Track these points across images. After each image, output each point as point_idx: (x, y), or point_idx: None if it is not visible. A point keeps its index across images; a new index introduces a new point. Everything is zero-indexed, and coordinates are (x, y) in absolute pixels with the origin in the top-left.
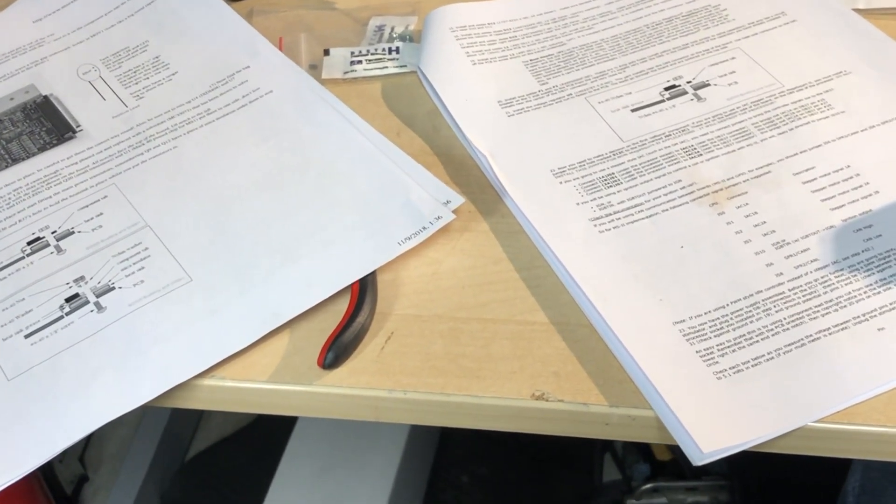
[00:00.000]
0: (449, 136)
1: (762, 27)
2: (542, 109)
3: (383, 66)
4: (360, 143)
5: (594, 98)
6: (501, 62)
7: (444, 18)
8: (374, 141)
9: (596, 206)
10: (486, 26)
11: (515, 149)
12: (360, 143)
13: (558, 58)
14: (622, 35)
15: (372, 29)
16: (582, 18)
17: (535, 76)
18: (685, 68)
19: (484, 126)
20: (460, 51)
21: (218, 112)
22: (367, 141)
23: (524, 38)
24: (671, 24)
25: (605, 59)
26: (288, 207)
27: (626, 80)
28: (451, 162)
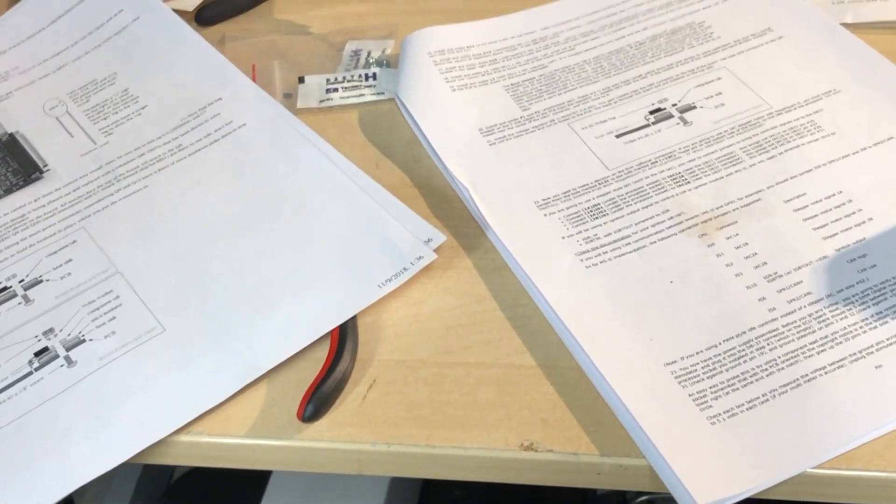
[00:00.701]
0: (429, 166)
1: (748, 44)
2: (524, 137)
3: (360, 94)
4: (337, 179)
5: (577, 124)
6: (482, 87)
7: (421, 42)
8: (351, 176)
9: (582, 240)
10: (465, 49)
11: (498, 180)
12: (338, 179)
13: (540, 81)
14: (605, 56)
15: (348, 54)
16: (563, 39)
17: (516, 101)
18: (670, 90)
19: (465, 156)
20: (439, 76)
21: (190, 148)
22: (345, 176)
23: (504, 62)
24: (655, 43)
25: (587, 82)
26: (263, 249)
27: (610, 103)
28: (432, 194)
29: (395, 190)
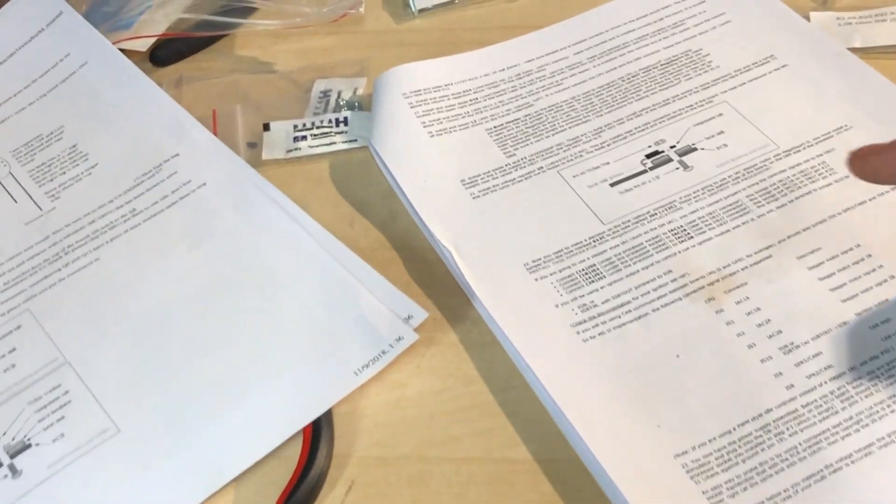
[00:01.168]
0: (408, 223)
1: (750, 75)
2: (510, 188)
3: (331, 142)
4: (306, 246)
5: (568, 171)
6: (462, 131)
7: (394, 82)
8: (322, 242)
9: (578, 308)
10: (443, 88)
11: (483, 239)
12: (307, 246)
13: (525, 122)
14: (595, 91)
15: (316, 95)
16: (549, 73)
17: (500, 146)
18: (667, 130)
19: (446, 213)
20: (415, 120)
21: (144, 213)
22: (315, 242)
23: (486, 101)
24: (649, 75)
25: (577, 122)
26: (227, 332)
27: (603, 146)
28: (411, 257)
29: (372, 254)
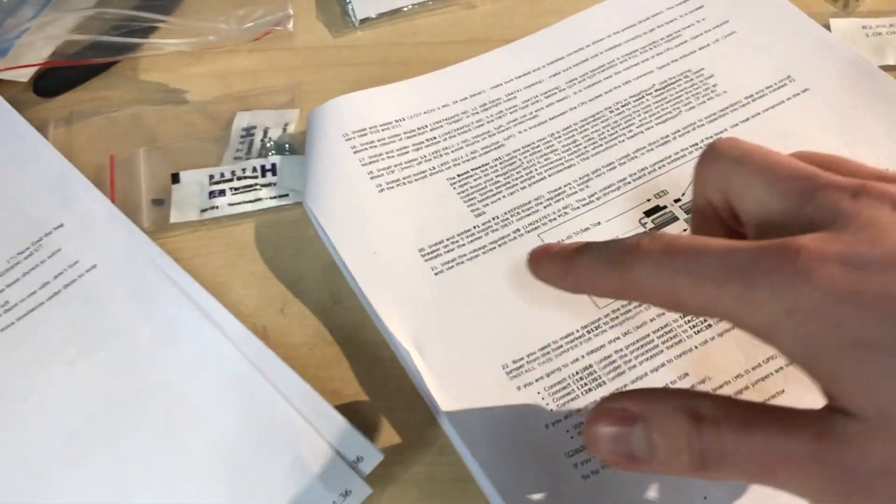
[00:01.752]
0: (354, 307)
1: (765, 102)
2: (480, 258)
3: (256, 197)
4: (223, 356)
5: (552, 234)
6: (419, 182)
7: (332, 118)
8: (245, 349)
9: (573, 428)
10: (394, 125)
11: (451, 332)
12: (224, 356)
13: (495, 169)
14: (578, 126)
15: (237, 133)
16: (521, 101)
17: (466, 202)
18: (669, 178)
19: (403, 295)
20: (360, 170)
21: (19, 307)
22: (235, 349)
23: (447, 140)
24: (641, 103)
25: (559, 167)
26: (122, 479)
27: (592, 201)
28: (360, 356)
29: (309, 353)
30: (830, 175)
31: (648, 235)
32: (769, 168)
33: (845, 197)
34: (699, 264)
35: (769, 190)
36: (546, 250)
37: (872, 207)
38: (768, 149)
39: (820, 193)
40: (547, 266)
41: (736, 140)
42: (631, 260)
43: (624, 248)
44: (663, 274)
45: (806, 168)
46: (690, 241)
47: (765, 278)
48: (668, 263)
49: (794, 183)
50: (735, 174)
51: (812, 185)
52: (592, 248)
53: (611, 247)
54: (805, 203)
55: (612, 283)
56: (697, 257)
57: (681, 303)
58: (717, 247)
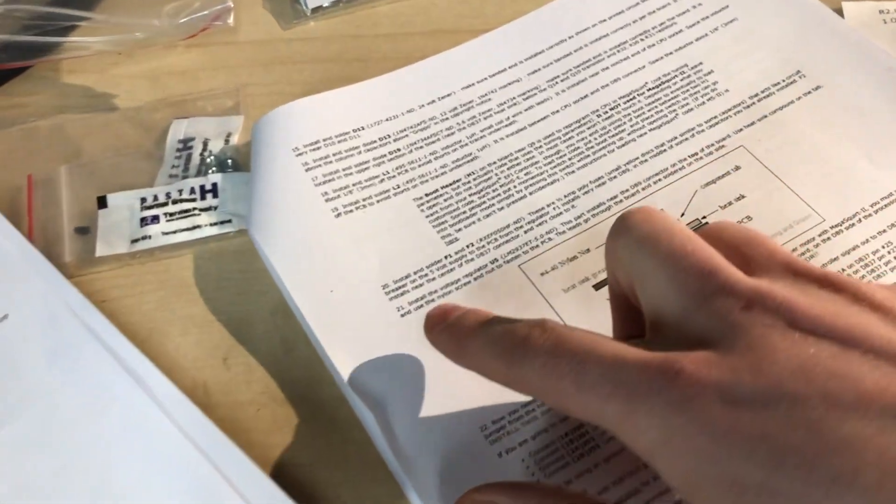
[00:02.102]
0: (309, 357)
1: (772, 102)
2: (454, 295)
3: (193, 224)
4: (154, 425)
5: (534, 265)
6: (382, 204)
7: (280, 130)
8: (179, 416)
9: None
10: (352, 136)
11: (420, 388)
12: (156, 425)
13: (468, 185)
14: (562, 132)
15: (173, 146)
16: (497, 104)
17: (436, 226)
18: (665, 194)
19: (364, 345)
20: (313, 191)
21: None
22: (168, 419)
23: (412, 153)
24: (632, 105)
25: (541, 183)
26: None
27: (579, 223)
28: (315, 417)
29: (256, 414)
30: (729, 273)
31: (540, 327)
32: (671, 256)
33: (737, 308)
34: (584, 372)
35: (668, 283)
36: (443, 316)
37: (764, 324)
38: (677, 228)
39: (713, 299)
40: (441, 339)
41: (647, 213)
42: (520, 356)
43: (514, 339)
44: (549, 376)
45: (708, 260)
46: (580, 341)
47: (644, 402)
48: (554, 366)
49: (692, 280)
50: (638, 257)
51: (708, 288)
52: (485, 334)
53: (502, 336)
54: (699, 307)
55: (501, 376)
56: (583, 364)
57: (567, 409)
58: (605, 354)
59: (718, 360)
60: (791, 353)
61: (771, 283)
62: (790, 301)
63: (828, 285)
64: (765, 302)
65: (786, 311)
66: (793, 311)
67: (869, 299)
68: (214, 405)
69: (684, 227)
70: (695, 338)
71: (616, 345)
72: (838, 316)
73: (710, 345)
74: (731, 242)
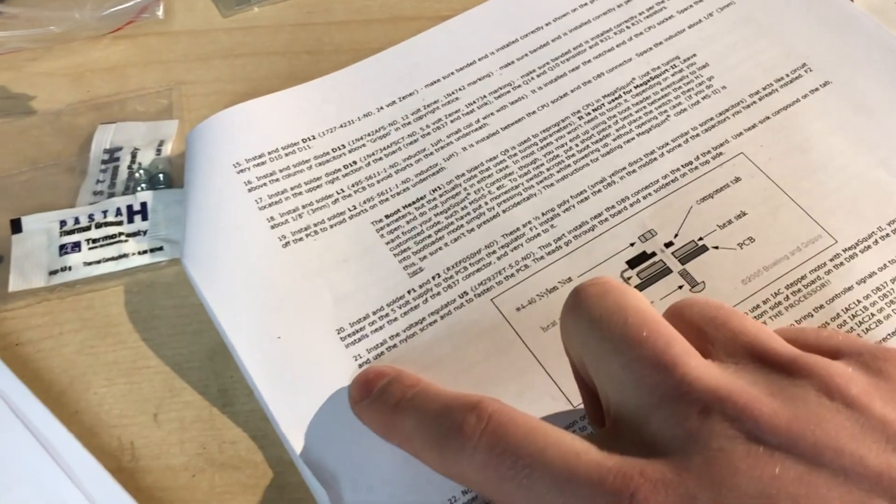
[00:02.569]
0: (252, 411)
1: (775, 101)
2: (419, 339)
3: (121, 253)
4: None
5: (508, 298)
6: (336, 229)
7: (219, 141)
8: (97, 495)
9: None
10: (301, 148)
11: (383, 458)
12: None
13: (434, 203)
14: (538, 138)
15: (98, 157)
16: (465, 104)
17: (398, 254)
18: (656, 211)
19: (317, 405)
20: (257, 216)
21: None
22: (84, 498)
23: (371, 164)
24: (618, 105)
25: (516, 198)
26: None
27: (559, 246)
28: (261, 482)
29: (191, 481)
30: (687, 368)
31: (475, 413)
32: (625, 342)
33: (694, 412)
34: (531, 479)
35: (622, 373)
36: (367, 387)
37: (724, 435)
38: (633, 307)
39: (670, 401)
40: (367, 415)
41: (601, 287)
42: (455, 448)
43: (447, 427)
44: (490, 477)
45: (664, 350)
46: (524, 438)
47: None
48: (495, 467)
49: (648, 374)
50: (590, 340)
51: (665, 385)
52: (415, 415)
53: (433, 422)
54: (654, 407)
55: (436, 466)
56: (530, 469)
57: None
58: (554, 460)
59: (675, 480)
60: (753, 476)
61: (732, 378)
62: (752, 407)
63: (797, 373)
64: (724, 407)
65: (748, 420)
66: (756, 419)
67: (842, 394)
68: (143, 471)
69: (641, 306)
70: (651, 441)
71: (566, 444)
72: (807, 424)
73: (666, 453)
74: (693, 322)
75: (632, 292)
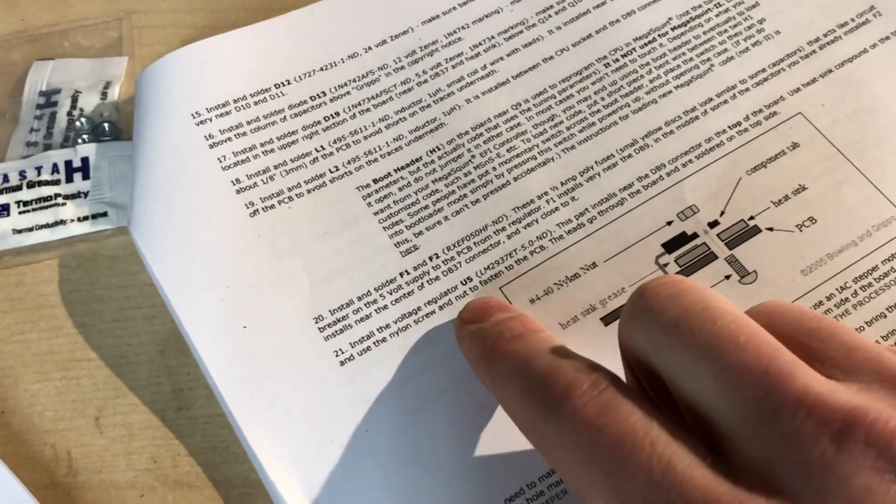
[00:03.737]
0: (211, 416)
1: (838, 51)
2: (412, 332)
3: (57, 219)
4: None
5: (520, 289)
6: (314, 195)
7: (175, 85)
8: None
9: None
10: (273, 95)
11: (366, 481)
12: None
13: (432, 167)
14: (556, 89)
15: (32, 101)
16: (469, 45)
17: (388, 227)
18: (698, 181)
19: (289, 412)
20: (219, 177)
21: None
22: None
23: (354, 117)
24: (652, 51)
25: (529, 162)
26: None
27: (581, 224)
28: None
29: (140, 501)
30: (802, 380)
31: (589, 379)
32: (721, 349)
33: (824, 439)
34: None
35: (715, 383)
36: (485, 313)
37: (869, 468)
38: (722, 305)
39: (788, 418)
40: (468, 344)
41: (674, 287)
42: (552, 412)
43: (553, 381)
44: (580, 460)
45: (777, 356)
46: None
47: None
48: (590, 453)
49: (750, 384)
50: (669, 351)
51: (775, 399)
52: (524, 357)
53: (540, 369)
54: (763, 425)
55: (522, 425)
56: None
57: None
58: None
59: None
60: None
61: (868, 399)
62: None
63: None
64: (868, 433)
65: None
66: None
67: None
68: (81, 488)
69: (728, 307)
70: (762, 471)
71: (673, 447)
72: None
73: (786, 492)
74: (787, 333)
75: (713, 291)
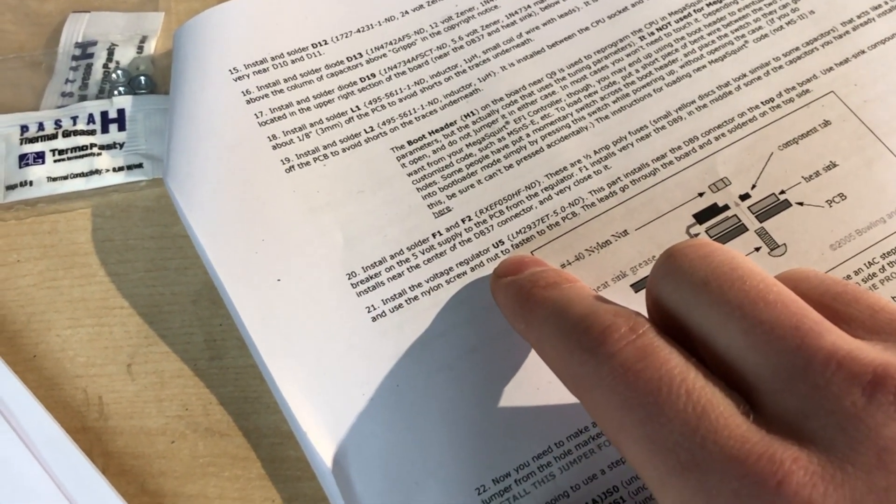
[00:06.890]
0: (244, 367)
1: (872, 33)
2: (443, 292)
3: (92, 169)
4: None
5: (552, 253)
6: (349, 154)
7: (213, 41)
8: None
9: None
10: (311, 55)
11: (397, 431)
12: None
13: (466, 131)
14: (592, 60)
15: (67, 52)
16: (505, 13)
17: (422, 189)
18: (730, 155)
19: (325, 367)
20: (256, 133)
21: None
22: (42, 468)
23: (390, 79)
24: (687, 26)
25: (563, 130)
26: None
27: (614, 192)
28: (251, 454)
29: (170, 448)
30: (837, 335)
31: (632, 322)
32: (751, 305)
33: (856, 391)
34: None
35: (746, 338)
36: (519, 267)
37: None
38: (749, 266)
39: (818, 372)
40: (503, 295)
41: (702, 248)
42: (589, 357)
43: (590, 324)
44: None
45: (797, 314)
46: (671, 367)
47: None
48: (624, 397)
49: (781, 338)
50: (697, 306)
51: (806, 352)
52: (561, 303)
53: (578, 314)
54: (794, 377)
55: (558, 371)
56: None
57: (619, 447)
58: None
59: (838, 476)
60: None
61: (894, 356)
62: None
63: None
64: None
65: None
66: None
67: None
68: (112, 433)
69: (756, 269)
70: (794, 422)
71: (708, 395)
72: None
73: (822, 438)
74: (813, 297)
75: (740, 254)
